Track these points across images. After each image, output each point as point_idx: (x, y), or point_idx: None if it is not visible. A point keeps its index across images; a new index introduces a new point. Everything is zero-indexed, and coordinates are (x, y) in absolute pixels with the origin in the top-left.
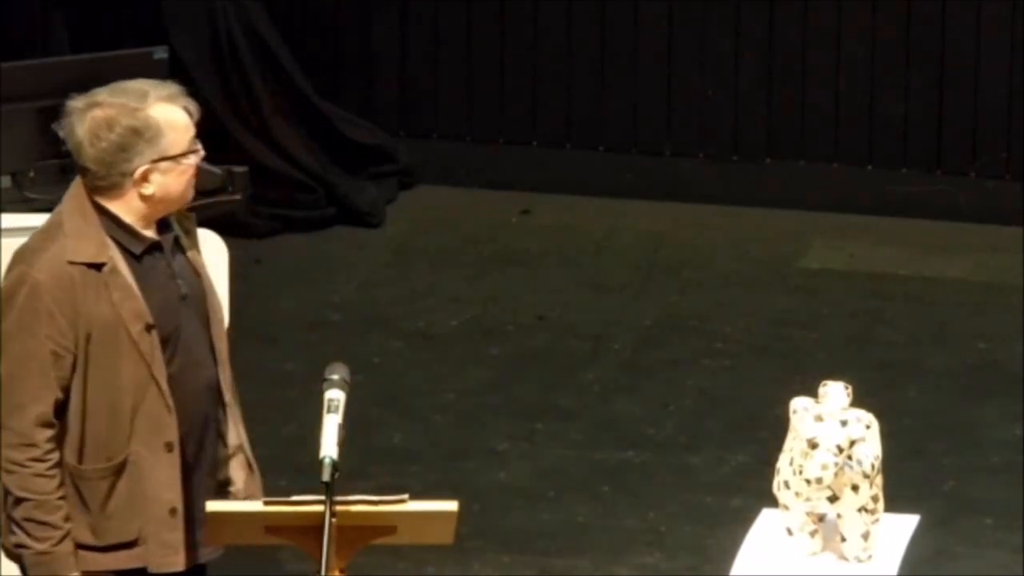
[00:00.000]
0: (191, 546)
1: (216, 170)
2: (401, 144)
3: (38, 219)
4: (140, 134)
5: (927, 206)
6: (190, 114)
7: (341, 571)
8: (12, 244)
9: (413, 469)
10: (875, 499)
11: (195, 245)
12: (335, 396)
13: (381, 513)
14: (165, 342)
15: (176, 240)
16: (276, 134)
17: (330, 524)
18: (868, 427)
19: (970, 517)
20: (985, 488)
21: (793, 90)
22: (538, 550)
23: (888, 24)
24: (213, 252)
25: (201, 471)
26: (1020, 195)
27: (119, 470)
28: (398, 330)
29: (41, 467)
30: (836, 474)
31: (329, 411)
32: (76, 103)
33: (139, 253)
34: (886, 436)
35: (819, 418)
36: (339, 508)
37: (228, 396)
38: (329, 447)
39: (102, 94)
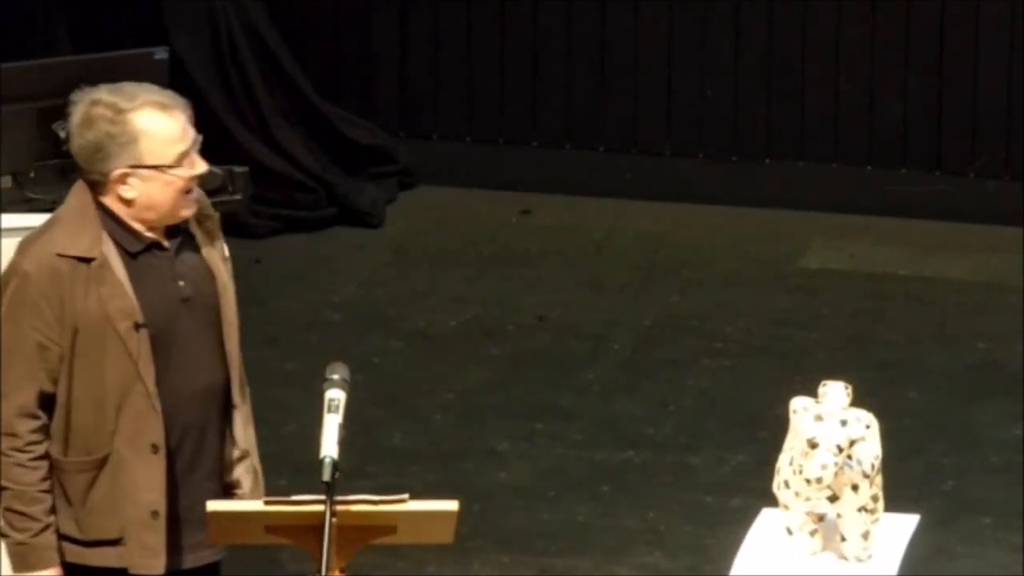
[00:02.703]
0: (175, 550)
1: (216, 170)
2: (401, 144)
3: (38, 219)
4: (114, 137)
5: (927, 206)
6: (185, 133)
7: (341, 571)
8: (12, 244)
9: (413, 469)
10: (875, 499)
11: (216, 246)
12: (335, 396)
13: (381, 513)
14: (157, 343)
15: (191, 241)
16: (276, 134)
17: (330, 524)
18: (868, 427)
19: (970, 517)
20: (985, 488)
21: (793, 90)
22: (538, 550)
23: (888, 24)
24: None
25: (198, 475)
26: (1020, 195)
27: (100, 465)
28: (398, 330)
29: (23, 457)
30: (836, 474)
31: (329, 411)
32: (78, 96)
33: (135, 252)
34: (886, 436)
35: (819, 418)
36: (339, 508)
37: (237, 398)
38: (329, 447)
39: (101, 91)
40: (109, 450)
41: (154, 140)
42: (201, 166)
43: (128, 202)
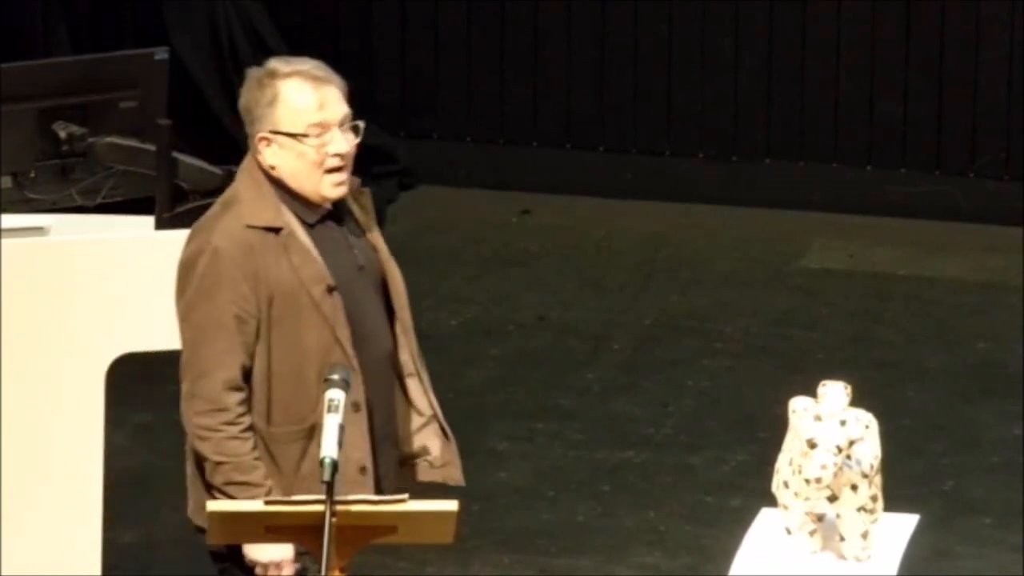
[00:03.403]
0: None
1: (216, 170)
2: (401, 144)
3: (38, 219)
4: (258, 101)
5: (927, 206)
6: (324, 106)
7: (341, 571)
8: (12, 244)
9: None
10: (874, 499)
11: (371, 221)
12: (335, 396)
13: (381, 513)
14: (348, 309)
15: (350, 213)
16: None
17: (330, 524)
18: (867, 427)
19: (969, 517)
20: (985, 488)
21: (793, 90)
22: (538, 550)
23: (888, 24)
24: None
25: (388, 441)
26: (1020, 195)
27: (309, 433)
28: None
29: (234, 430)
30: (835, 474)
31: (329, 411)
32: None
33: (312, 222)
34: (886, 436)
35: (818, 418)
36: (339, 508)
37: (415, 366)
38: (329, 447)
39: (273, 59)
40: (316, 418)
41: (288, 107)
42: (339, 145)
43: (272, 169)
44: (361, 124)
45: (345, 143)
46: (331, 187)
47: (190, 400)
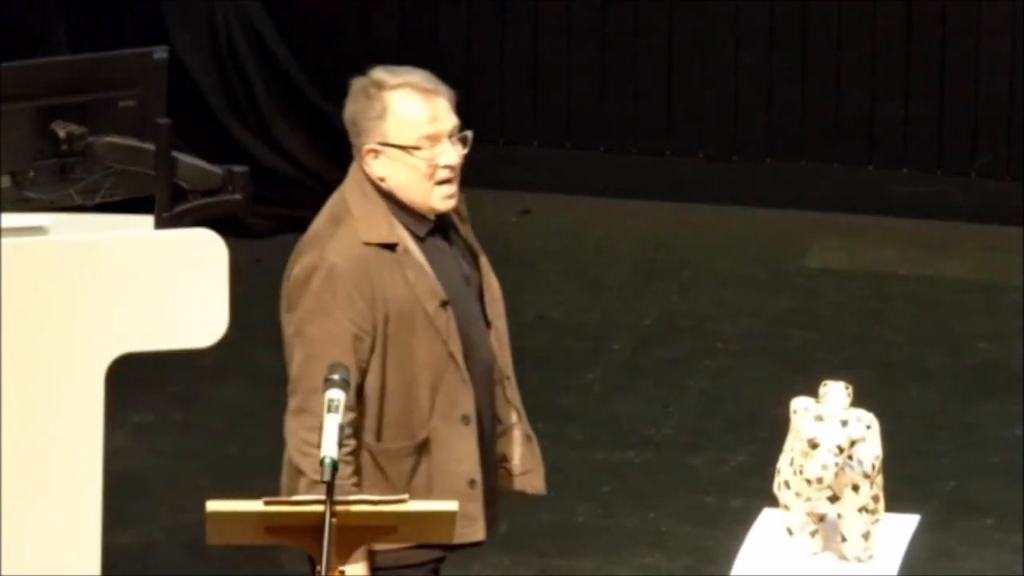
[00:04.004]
0: (490, 519)
1: (216, 170)
2: None
3: (37, 219)
4: (366, 112)
5: (927, 206)
6: (435, 118)
7: (341, 571)
8: (12, 244)
9: None
10: (875, 499)
11: (469, 230)
12: (335, 396)
13: (381, 513)
14: (460, 323)
15: (453, 225)
16: (276, 134)
17: (330, 524)
18: (868, 427)
19: (970, 517)
20: (985, 488)
21: (793, 90)
22: (538, 550)
23: (888, 24)
24: (213, 252)
25: (493, 446)
26: (1020, 195)
27: (420, 448)
28: None
29: (341, 452)
30: (836, 474)
31: (329, 411)
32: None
33: (423, 235)
34: (886, 436)
35: (819, 418)
36: (339, 508)
37: (509, 371)
38: (329, 447)
39: (379, 70)
40: (428, 431)
41: (398, 120)
42: (449, 156)
43: (381, 181)
44: (469, 134)
45: (455, 155)
46: (441, 199)
47: (300, 415)
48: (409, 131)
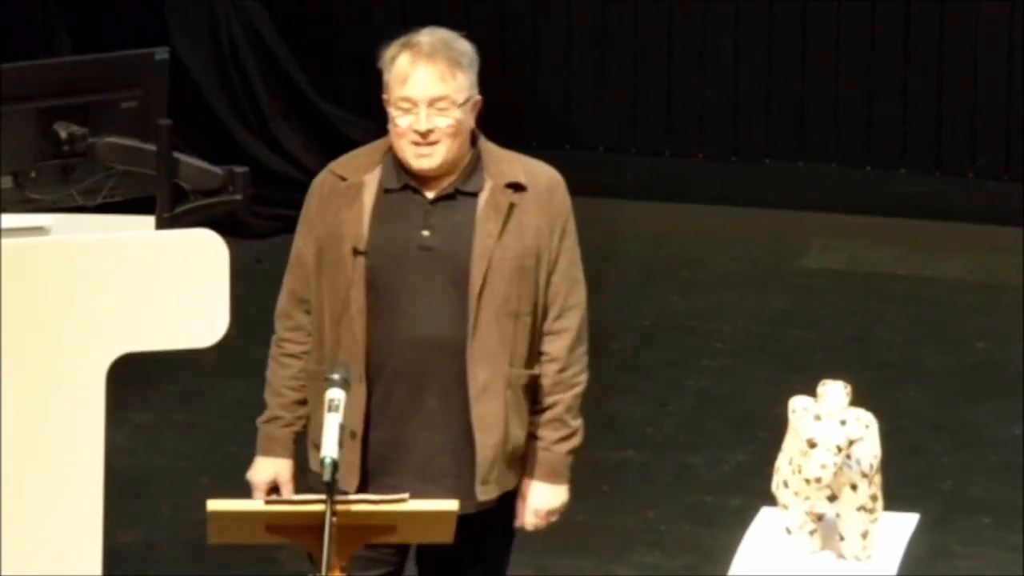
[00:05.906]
0: (379, 482)
1: (216, 170)
2: None
3: (38, 219)
4: (384, 63)
5: (927, 206)
6: (411, 83)
7: (341, 571)
8: (12, 244)
9: None
10: (874, 498)
11: (497, 222)
12: (335, 396)
13: (381, 513)
14: (378, 277)
15: (470, 201)
16: (276, 134)
17: (330, 524)
18: (867, 426)
19: (969, 516)
20: (984, 488)
21: (793, 90)
22: (538, 550)
23: (888, 24)
24: (213, 252)
25: (413, 424)
26: (1020, 195)
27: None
28: None
29: (275, 351)
30: (835, 473)
31: (330, 411)
32: None
33: (391, 189)
34: (885, 436)
35: (818, 418)
36: (339, 508)
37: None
38: (330, 447)
39: (426, 30)
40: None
41: (388, 77)
42: (422, 123)
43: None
44: (477, 97)
45: (424, 122)
46: (414, 158)
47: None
48: (392, 90)
